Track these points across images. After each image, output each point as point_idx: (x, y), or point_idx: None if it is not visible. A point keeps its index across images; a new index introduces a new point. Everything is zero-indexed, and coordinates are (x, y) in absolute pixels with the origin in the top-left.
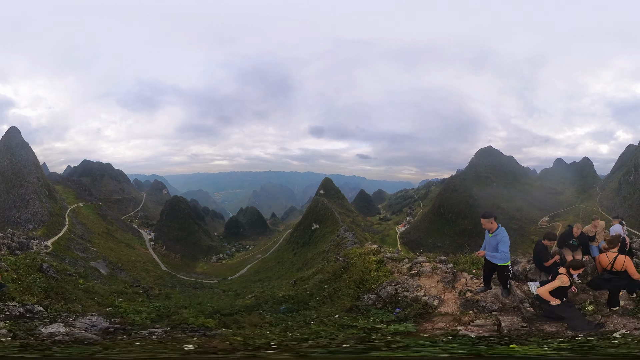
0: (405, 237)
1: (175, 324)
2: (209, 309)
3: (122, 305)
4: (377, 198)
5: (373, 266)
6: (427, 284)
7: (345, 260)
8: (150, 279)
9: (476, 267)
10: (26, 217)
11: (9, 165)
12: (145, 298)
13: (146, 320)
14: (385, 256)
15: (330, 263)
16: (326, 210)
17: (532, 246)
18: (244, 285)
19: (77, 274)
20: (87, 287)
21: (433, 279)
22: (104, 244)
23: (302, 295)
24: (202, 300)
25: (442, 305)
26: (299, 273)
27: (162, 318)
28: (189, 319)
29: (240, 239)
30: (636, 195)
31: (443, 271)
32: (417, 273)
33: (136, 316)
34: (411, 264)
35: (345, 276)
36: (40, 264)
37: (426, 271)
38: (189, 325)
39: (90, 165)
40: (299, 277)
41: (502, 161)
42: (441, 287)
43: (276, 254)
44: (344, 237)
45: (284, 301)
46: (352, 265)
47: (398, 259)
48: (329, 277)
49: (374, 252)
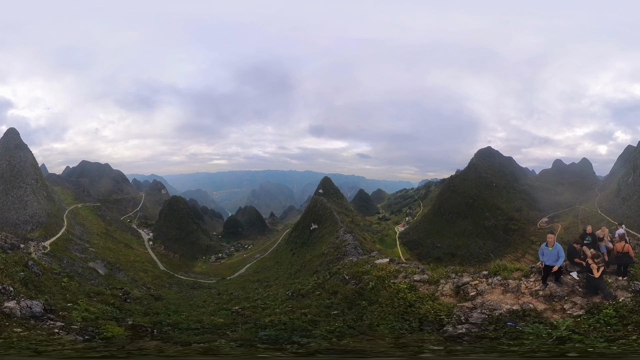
0: (404, 237)
1: (101, 334)
2: (175, 319)
3: (81, 304)
4: (376, 198)
5: (409, 296)
6: (499, 298)
7: (356, 282)
8: (149, 279)
9: (506, 272)
10: (24, 219)
11: (7, 166)
12: (117, 300)
13: (82, 321)
14: (414, 280)
15: (334, 280)
16: (325, 210)
17: (532, 246)
18: (242, 285)
19: (64, 273)
20: (66, 286)
21: (497, 292)
22: (103, 244)
23: (299, 322)
24: (179, 307)
25: (535, 306)
26: (296, 280)
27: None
28: (113, 330)
29: (239, 238)
30: (635, 196)
31: (498, 284)
32: (478, 293)
33: (79, 314)
34: (457, 286)
35: (365, 303)
36: (26, 261)
37: (485, 289)
38: (108, 339)
39: (88, 166)
40: (297, 289)
41: (501, 162)
42: (512, 295)
43: (275, 254)
44: (343, 239)
45: (270, 326)
46: (369, 291)
47: (430, 281)
48: (339, 301)
49: (394, 273)
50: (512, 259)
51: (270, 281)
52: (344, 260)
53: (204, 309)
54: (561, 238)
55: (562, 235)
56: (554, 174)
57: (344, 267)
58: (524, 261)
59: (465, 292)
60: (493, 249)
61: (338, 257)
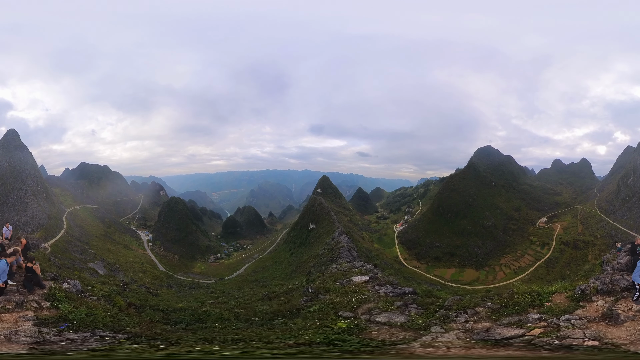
0: (403, 236)
1: (115, 304)
2: (155, 302)
3: (96, 286)
4: (375, 196)
5: (337, 336)
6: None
7: (309, 299)
8: (148, 279)
9: (542, 298)
10: (25, 220)
11: (7, 167)
12: (119, 288)
13: (102, 296)
14: (374, 320)
15: (299, 290)
16: (323, 210)
17: (531, 246)
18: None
19: (74, 268)
20: (80, 276)
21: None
22: (102, 245)
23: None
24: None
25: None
26: (286, 282)
27: None
28: (120, 302)
29: (238, 238)
30: (635, 197)
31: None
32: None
33: (99, 292)
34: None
35: (281, 322)
36: (48, 257)
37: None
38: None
39: (87, 168)
40: (272, 291)
41: (501, 161)
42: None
43: (274, 253)
44: (338, 240)
45: (181, 311)
46: (306, 314)
47: (408, 326)
48: (275, 311)
49: (357, 302)
50: (511, 258)
51: (268, 281)
52: (333, 265)
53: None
54: (560, 238)
55: (561, 236)
56: (553, 173)
57: (323, 276)
58: (523, 261)
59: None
60: (492, 249)
61: (331, 259)
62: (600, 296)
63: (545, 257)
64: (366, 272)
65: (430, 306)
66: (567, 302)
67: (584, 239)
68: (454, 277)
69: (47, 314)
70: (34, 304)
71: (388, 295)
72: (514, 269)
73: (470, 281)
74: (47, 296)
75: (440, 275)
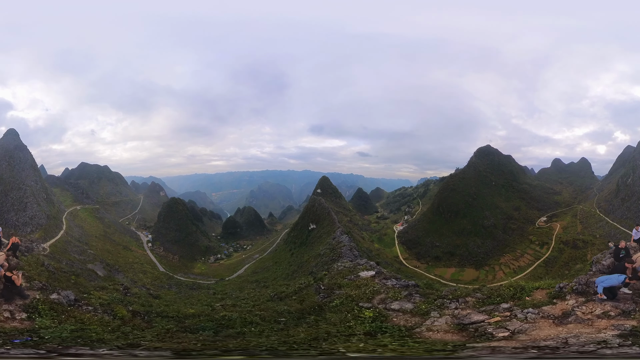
0: (403, 236)
1: (116, 314)
2: (162, 309)
3: (94, 294)
4: (375, 196)
5: (366, 327)
6: (557, 331)
7: (326, 295)
8: (148, 280)
9: (524, 292)
10: (24, 220)
11: (7, 167)
12: (119, 294)
13: (101, 305)
14: (390, 307)
15: (310, 289)
16: (323, 210)
17: (531, 246)
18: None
19: (71, 272)
20: (76, 281)
21: (545, 326)
22: (102, 246)
23: (236, 319)
24: (173, 302)
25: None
26: (290, 281)
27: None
28: (122, 311)
29: (238, 239)
30: (634, 197)
31: (539, 317)
32: (514, 331)
33: (97, 301)
34: (460, 323)
35: (313, 319)
36: (42, 261)
37: (523, 327)
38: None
39: (87, 168)
40: (280, 291)
41: (501, 160)
42: (578, 326)
43: (274, 254)
44: (339, 240)
45: (193, 317)
46: (331, 309)
47: (415, 311)
48: (296, 311)
49: (370, 294)
50: (511, 258)
51: (268, 282)
52: (337, 264)
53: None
54: (559, 238)
55: (560, 235)
56: (553, 173)
57: (329, 273)
58: (522, 260)
59: (482, 332)
60: (492, 248)
61: (333, 258)
62: (574, 296)
63: (544, 257)
64: (371, 268)
65: (430, 295)
66: (545, 298)
67: (583, 238)
68: (454, 276)
69: (15, 326)
70: (6, 313)
71: (395, 287)
72: (514, 268)
73: (470, 281)
74: (27, 307)
75: (440, 275)
